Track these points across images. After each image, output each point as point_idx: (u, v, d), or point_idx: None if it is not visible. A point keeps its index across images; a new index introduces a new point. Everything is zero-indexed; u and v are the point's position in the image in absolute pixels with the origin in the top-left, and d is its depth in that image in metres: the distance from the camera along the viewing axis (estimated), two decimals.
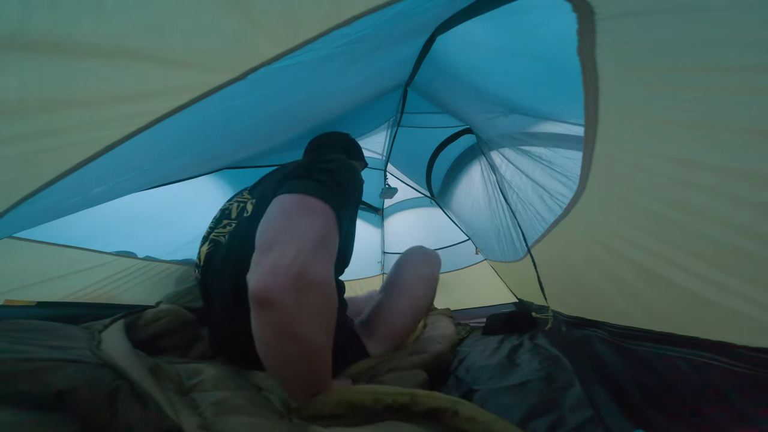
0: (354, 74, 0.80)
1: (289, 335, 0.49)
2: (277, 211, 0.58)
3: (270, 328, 0.49)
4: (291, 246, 0.50)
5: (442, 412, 0.45)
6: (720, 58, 0.31)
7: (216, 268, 0.76)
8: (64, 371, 0.39)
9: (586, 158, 0.53)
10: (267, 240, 0.53)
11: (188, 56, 0.36)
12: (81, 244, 0.94)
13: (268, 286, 0.47)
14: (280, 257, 0.49)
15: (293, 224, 0.54)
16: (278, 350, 0.51)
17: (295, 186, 0.61)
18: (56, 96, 0.33)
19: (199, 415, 0.47)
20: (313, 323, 0.51)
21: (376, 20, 0.45)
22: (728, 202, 0.35)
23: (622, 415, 0.55)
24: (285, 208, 0.57)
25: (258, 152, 1.26)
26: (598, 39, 0.39)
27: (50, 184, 0.46)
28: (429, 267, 1.00)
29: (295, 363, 0.51)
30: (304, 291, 0.49)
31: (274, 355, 0.52)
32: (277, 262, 0.49)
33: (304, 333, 0.50)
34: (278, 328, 0.49)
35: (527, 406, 0.61)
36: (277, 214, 0.57)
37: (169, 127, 0.46)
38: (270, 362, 0.53)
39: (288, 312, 0.48)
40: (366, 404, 0.48)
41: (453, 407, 0.45)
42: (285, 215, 0.56)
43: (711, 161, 0.36)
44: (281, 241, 0.51)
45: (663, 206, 0.43)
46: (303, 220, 0.55)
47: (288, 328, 0.49)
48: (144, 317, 0.82)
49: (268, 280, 0.47)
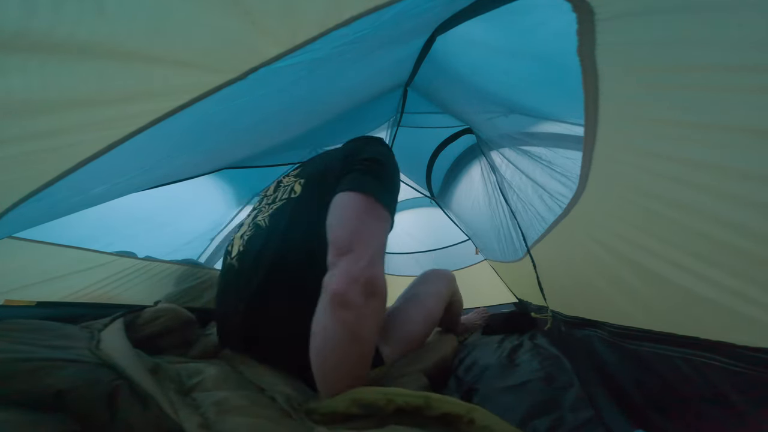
0: (354, 74, 0.80)
1: (356, 335, 0.54)
2: (352, 213, 0.61)
3: (342, 326, 0.53)
4: (366, 253, 0.55)
5: (456, 418, 0.43)
6: (720, 58, 0.31)
7: (256, 249, 0.75)
8: (64, 371, 0.39)
9: (586, 158, 0.53)
10: (344, 243, 0.57)
11: (189, 56, 0.36)
12: (81, 244, 0.94)
13: (348, 288, 0.52)
14: (357, 262, 0.54)
15: (367, 230, 0.59)
16: (343, 347, 0.54)
17: (365, 184, 0.64)
18: (57, 96, 0.33)
19: (200, 415, 0.47)
20: (374, 327, 0.56)
21: (376, 20, 0.45)
22: (728, 202, 0.35)
23: (622, 415, 0.55)
24: (359, 211, 0.61)
25: (258, 152, 1.26)
26: (598, 39, 0.39)
27: (51, 183, 0.46)
28: (441, 283, 1.06)
29: (352, 361, 0.55)
30: (371, 296, 0.54)
31: (334, 352, 0.54)
32: (354, 266, 0.54)
33: (367, 335, 0.55)
34: (349, 327, 0.53)
35: (527, 406, 0.61)
36: (353, 216, 0.60)
37: (169, 127, 0.46)
38: (325, 357, 0.55)
39: (360, 313, 0.53)
40: (378, 404, 0.48)
41: (468, 414, 0.43)
42: (360, 219, 0.60)
43: (711, 161, 0.36)
44: (357, 247, 0.56)
45: (663, 206, 0.43)
46: (374, 227, 0.60)
47: (356, 329, 0.53)
48: (143, 316, 0.82)
49: (347, 283, 0.53)
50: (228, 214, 1.48)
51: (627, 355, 0.57)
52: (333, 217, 0.61)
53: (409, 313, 0.95)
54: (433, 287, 1.04)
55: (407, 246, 2.07)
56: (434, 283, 1.06)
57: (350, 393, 0.52)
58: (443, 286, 1.06)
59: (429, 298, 1.01)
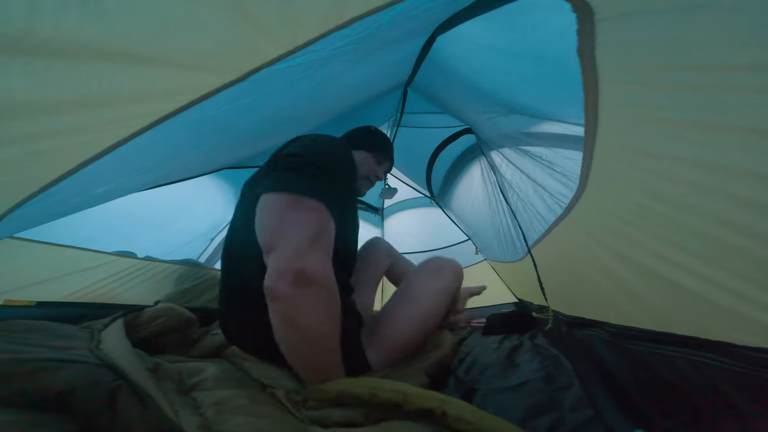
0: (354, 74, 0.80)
1: (293, 323, 0.58)
2: (269, 213, 0.62)
3: (278, 317, 0.58)
4: (289, 246, 0.58)
5: (431, 411, 0.46)
6: (720, 58, 0.31)
7: (225, 248, 0.82)
8: (64, 372, 0.39)
9: (587, 158, 0.53)
10: (268, 243, 0.60)
11: (190, 58, 0.36)
12: (81, 244, 0.94)
13: (275, 282, 0.56)
14: (281, 257, 0.57)
15: (290, 225, 0.60)
16: (285, 337, 0.60)
17: (281, 182, 0.64)
18: (59, 98, 0.33)
19: (200, 415, 0.47)
20: (312, 313, 0.58)
21: (377, 21, 0.45)
22: (729, 202, 0.36)
23: (622, 415, 0.55)
24: (278, 210, 0.62)
25: (258, 152, 1.26)
26: (597, 39, 0.39)
27: (52, 184, 0.46)
28: (441, 280, 0.90)
29: (301, 350, 0.61)
30: (305, 285, 0.57)
31: (282, 342, 0.61)
32: (278, 261, 0.57)
33: (304, 323, 0.58)
34: (283, 317, 0.58)
35: (527, 406, 0.61)
36: (270, 216, 0.62)
37: (170, 128, 0.46)
38: (282, 350, 0.61)
39: (288, 303, 0.57)
40: (363, 397, 0.51)
41: (440, 407, 0.45)
42: (279, 218, 0.61)
43: (711, 161, 0.36)
44: (280, 243, 0.58)
45: (663, 206, 0.43)
46: (299, 219, 0.60)
47: (290, 318, 0.58)
48: (143, 316, 0.82)
49: (274, 278, 0.56)
50: (228, 214, 1.47)
51: (627, 354, 0.57)
52: (257, 221, 0.64)
53: (402, 314, 0.83)
54: (435, 283, 0.89)
55: (407, 246, 2.07)
56: (436, 277, 0.90)
57: (338, 383, 0.57)
58: (448, 282, 0.90)
59: (427, 296, 0.86)
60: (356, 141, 1.01)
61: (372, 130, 1.06)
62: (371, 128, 1.07)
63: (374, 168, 1.02)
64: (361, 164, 0.96)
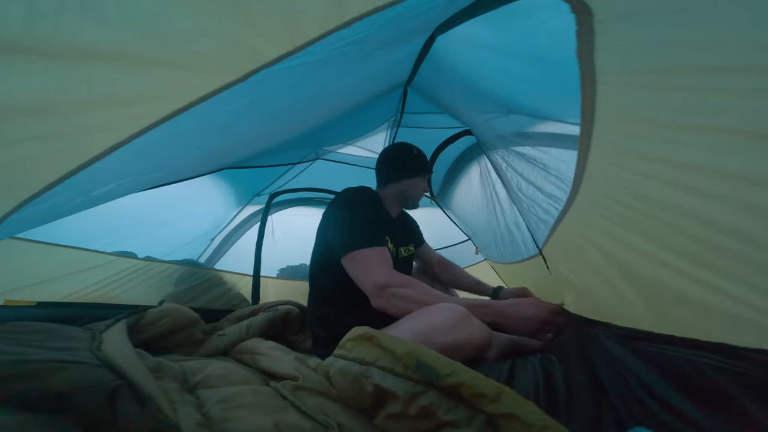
0: (354, 75, 0.80)
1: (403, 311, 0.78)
2: (350, 271, 0.87)
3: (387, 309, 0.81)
4: (369, 285, 0.83)
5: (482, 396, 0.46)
6: (717, 60, 0.31)
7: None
8: (64, 372, 0.39)
9: (581, 160, 0.53)
10: (362, 286, 0.84)
11: (189, 59, 0.36)
12: (81, 244, 0.94)
13: (377, 302, 0.81)
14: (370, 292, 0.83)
15: (361, 274, 0.84)
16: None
17: (343, 246, 0.87)
18: (60, 99, 0.33)
19: (201, 414, 0.47)
20: (411, 303, 0.78)
21: (377, 21, 0.45)
22: (725, 206, 0.36)
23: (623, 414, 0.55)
24: (353, 269, 0.86)
25: (258, 152, 1.26)
26: (597, 41, 0.39)
27: (53, 186, 0.46)
28: (462, 333, 0.69)
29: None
30: (392, 297, 0.80)
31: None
32: (370, 292, 0.82)
33: (405, 307, 0.78)
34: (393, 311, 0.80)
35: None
36: (352, 272, 0.86)
37: (170, 128, 0.46)
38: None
39: (389, 306, 0.80)
40: (436, 370, 0.50)
41: (497, 390, 0.46)
42: (354, 272, 0.86)
43: (708, 164, 0.36)
44: (364, 286, 0.83)
45: (657, 209, 0.43)
46: (360, 267, 0.85)
47: (395, 311, 0.79)
48: (147, 317, 0.82)
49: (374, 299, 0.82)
50: (228, 214, 1.48)
51: (628, 354, 0.57)
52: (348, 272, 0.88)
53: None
54: (449, 337, 0.65)
55: None
56: (449, 332, 0.67)
57: (416, 346, 0.51)
58: (472, 335, 0.69)
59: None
60: (401, 171, 1.10)
61: (402, 150, 1.13)
62: (399, 149, 1.14)
63: (423, 185, 1.14)
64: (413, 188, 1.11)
